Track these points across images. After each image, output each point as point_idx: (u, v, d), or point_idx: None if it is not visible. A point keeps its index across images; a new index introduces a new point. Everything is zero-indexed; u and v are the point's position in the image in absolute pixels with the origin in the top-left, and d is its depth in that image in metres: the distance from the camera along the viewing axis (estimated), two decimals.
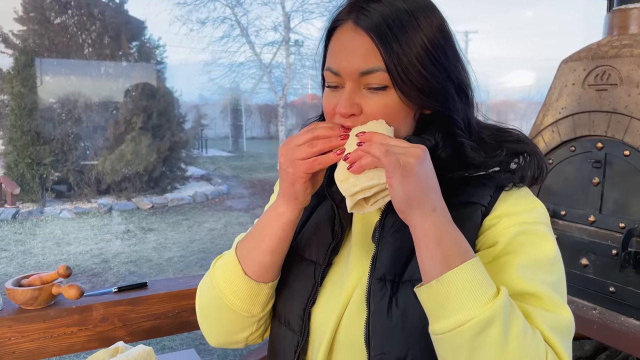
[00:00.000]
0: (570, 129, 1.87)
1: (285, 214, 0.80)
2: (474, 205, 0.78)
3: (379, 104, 0.76)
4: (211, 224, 8.30)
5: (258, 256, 0.83)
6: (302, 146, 0.74)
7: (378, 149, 0.68)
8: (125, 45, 10.68)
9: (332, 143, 0.74)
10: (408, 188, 0.67)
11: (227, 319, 0.87)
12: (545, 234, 0.78)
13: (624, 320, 1.67)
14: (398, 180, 0.67)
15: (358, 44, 0.75)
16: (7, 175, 9.56)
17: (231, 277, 0.85)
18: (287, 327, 0.87)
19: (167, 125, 10.79)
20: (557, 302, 0.73)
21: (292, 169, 0.75)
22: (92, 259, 6.46)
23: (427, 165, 0.70)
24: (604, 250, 1.71)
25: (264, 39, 17.46)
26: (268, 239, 0.82)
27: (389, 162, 0.67)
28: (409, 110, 0.78)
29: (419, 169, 0.68)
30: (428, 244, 0.68)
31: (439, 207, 0.70)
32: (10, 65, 9.66)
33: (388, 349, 0.75)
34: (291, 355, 0.85)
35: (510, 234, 0.76)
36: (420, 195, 0.68)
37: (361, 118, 0.77)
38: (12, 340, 1.45)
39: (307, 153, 0.74)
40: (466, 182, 0.80)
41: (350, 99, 0.77)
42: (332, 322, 0.82)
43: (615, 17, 1.86)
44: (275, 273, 0.85)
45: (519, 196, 0.81)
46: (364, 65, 0.75)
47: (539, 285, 0.73)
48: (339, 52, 0.78)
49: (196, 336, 4.02)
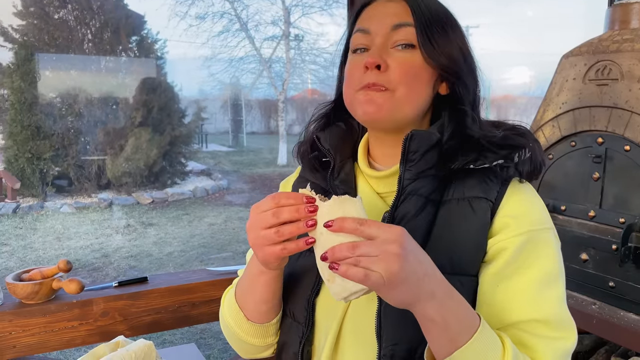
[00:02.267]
0: (571, 124, 1.87)
1: (267, 274, 0.81)
2: (481, 200, 0.79)
3: (405, 60, 0.79)
4: (211, 219, 8.31)
5: (253, 306, 0.87)
6: (269, 232, 0.69)
7: (357, 273, 0.61)
8: (124, 40, 10.66)
9: (300, 230, 0.68)
10: (400, 296, 0.64)
11: (246, 348, 0.94)
12: (550, 241, 0.79)
13: (623, 315, 1.67)
14: (386, 294, 0.64)
15: (392, 6, 0.82)
16: (8, 170, 9.56)
17: (237, 321, 0.90)
18: (292, 318, 0.88)
19: (167, 120, 10.78)
20: (564, 322, 0.77)
21: (260, 255, 0.73)
22: (92, 254, 6.47)
23: (411, 254, 0.63)
24: (604, 245, 1.71)
25: (263, 34, 17.41)
26: (258, 291, 0.84)
27: (371, 283, 0.62)
28: (430, 76, 0.81)
29: (404, 272, 0.62)
30: (434, 329, 0.68)
31: (436, 290, 0.66)
32: (10, 60, 9.65)
33: (400, 340, 0.76)
34: (296, 345, 0.86)
35: (516, 245, 0.76)
36: (414, 295, 0.65)
37: (386, 74, 0.79)
38: (12, 335, 1.46)
39: (273, 240, 0.69)
40: (470, 174, 0.80)
41: (379, 52, 0.80)
42: (338, 313, 0.82)
43: (617, 11, 1.85)
44: (276, 311, 0.88)
45: (523, 195, 0.81)
46: (397, 19, 0.80)
47: (547, 309, 0.75)
48: (371, 15, 0.83)
49: (196, 330, 4.03)
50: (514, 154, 0.80)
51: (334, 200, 0.67)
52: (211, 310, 1.70)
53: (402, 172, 0.81)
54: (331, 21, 16.50)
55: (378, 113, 0.79)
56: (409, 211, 0.78)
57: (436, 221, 0.79)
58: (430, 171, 0.80)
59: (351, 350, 0.81)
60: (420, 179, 0.80)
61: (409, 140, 0.79)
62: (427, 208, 0.79)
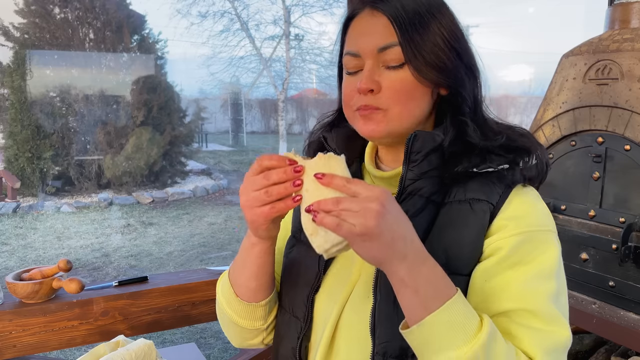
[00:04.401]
0: (571, 123, 1.87)
1: (258, 245, 0.83)
2: (482, 202, 0.78)
3: (397, 79, 0.79)
4: (211, 218, 8.31)
5: (244, 282, 0.87)
6: (259, 194, 0.73)
7: (331, 221, 0.65)
8: (127, 39, 10.66)
9: (287, 190, 0.72)
10: (372, 251, 0.67)
11: (236, 331, 0.94)
12: (550, 242, 0.78)
13: (623, 314, 1.67)
14: (359, 246, 0.67)
15: (376, 24, 0.80)
16: (8, 169, 9.56)
17: (229, 299, 0.91)
18: (291, 314, 0.89)
19: (167, 120, 10.78)
20: (555, 317, 0.74)
21: (251, 217, 0.76)
22: (92, 253, 6.48)
23: (390, 214, 0.66)
24: (604, 245, 1.72)
25: (264, 33, 17.45)
26: (249, 266, 0.85)
27: (345, 234, 0.65)
28: (425, 89, 0.81)
29: (379, 228, 0.65)
30: (405, 292, 0.69)
31: (409, 252, 0.68)
32: (10, 59, 9.64)
33: (392, 338, 0.77)
34: (294, 341, 0.87)
35: (514, 243, 0.76)
36: (386, 253, 0.67)
37: (380, 95, 0.79)
38: (13, 334, 1.46)
39: (264, 201, 0.73)
40: (473, 177, 0.80)
41: (370, 76, 0.80)
42: (335, 310, 0.83)
43: (617, 11, 1.85)
44: (265, 293, 0.89)
45: (526, 198, 0.81)
46: (382, 41, 0.79)
47: (538, 301, 0.74)
48: (357, 36, 0.82)
49: (197, 330, 4.03)
50: (519, 159, 0.81)
51: (320, 157, 0.71)
52: (211, 309, 1.70)
53: (404, 172, 0.81)
54: (331, 20, 16.51)
55: (376, 131, 0.81)
56: (409, 210, 0.78)
57: (436, 222, 0.79)
58: (433, 172, 0.81)
59: (346, 347, 0.82)
60: (423, 179, 0.81)
61: (412, 140, 0.80)
62: (427, 208, 0.80)
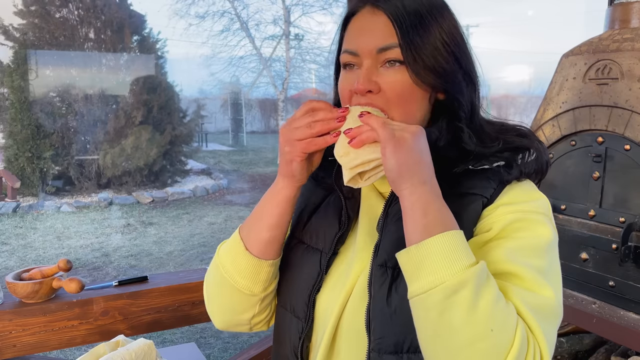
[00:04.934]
0: (571, 123, 1.87)
1: (283, 190, 0.83)
2: (476, 196, 0.79)
3: (395, 80, 0.79)
4: (211, 218, 8.31)
5: (258, 233, 0.86)
6: (301, 127, 0.77)
7: (376, 120, 0.72)
8: (128, 39, 10.66)
9: (330, 125, 0.76)
10: (400, 158, 0.70)
11: (231, 297, 0.89)
12: (543, 222, 0.78)
13: (623, 314, 1.67)
14: (391, 150, 0.70)
15: (376, 24, 0.79)
16: (8, 169, 9.55)
17: (234, 255, 0.88)
18: (292, 313, 0.89)
19: (167, 119, 10.77)
20: (541, 283, 0.73)
21: (289, 149, 0.78)
22: (92, 253, 6.47)
23: (422, 142, 0.73)
24: (604, 245, 1.72)
25: (264, 33, 17.44)
26: (267, 215, 0.85)
27: (385, 133, 0.70)
28: (423, 92, 0.80)
29: (412, 142, 0.71)
30: (414, 214, 0.70)
31: (429, 181, 0.72)
32: (10, 59, 9.64)
33: (387, 334, 0.77)
34: (296, 341, 0.87)
35: (506, 220, 0.77)
36: (411, 167, 0.70)
37: (379, 96, 0.79)
38: (13, 334, 1.46)
39: (305, 134, 0.76)
40: (469, 175, 0.81)
41: (368, 76, 0.79)
42: (336, 309, 0.83)
43: (617, 10, 1.85)
44: (275, 251, 0.87)
45: (521, 188, 0.82)
46: (382, 42, 0.78)
47: (523, 267, 0.73)
48: (357, 33, 0.82)
49: (197, 330, 4.03)
50: (516, 156, 0.81)
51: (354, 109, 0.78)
52: None
53: None
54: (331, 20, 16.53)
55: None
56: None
57: None
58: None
59: (346, 346, 0.83)
60: None
61: None
62: None
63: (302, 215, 0.93)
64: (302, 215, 0.93)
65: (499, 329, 0.65)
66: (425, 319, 0.68)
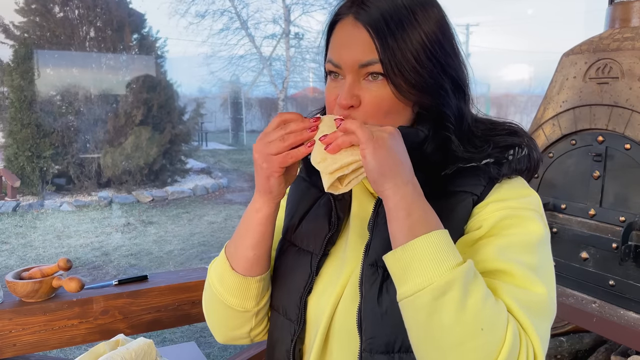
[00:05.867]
0: (571, 122, 1.87)
1: (262, 209, 0.83)
2: (466, 194, 0.79)
3: (377, 94, 0.78)
4: (211, 217, 8.31)
5: (242, 251, 0.86)
6: (275, 141, 0.77)
7: (352, 123, 0.72)
8: (128, 38, 10.65)
9: (303, 136, 0.76)
10: (381, 159, 0.70)
11: (225, 315, 0.90)
12: (533, 219, 0.78)
13: (623, 313, 1.67)
14: (371, 151, 0.69)
15: (357, 38, 0.78)
16: (8, 168, 9.55)
17: (222, 274, 0.88)
18: (285, 316, 0.89)
19: (167, 118, 10.77)
20: (533, 279, 0.72)
21: (266, 164, 0.78)
22: (92, 252, 6.47)
23: (400, 142, 0.73)
24: (604, 244, 1.72)
25: (264, 32, 17.45)
26: (250, 234, 0.85)
27: (363, 134, 0.70)
28: (404, 105, 0.80)
29: (391, 143, 0.71)
30: (398, 215, 0.70)
31: (411, 182, 0.72)
32: (10, 58, 9.63)
33: (378, 334, 0.77)
34: (288, 343, 0.87)
35: (495, 218, 0.77)
36: (392, 167, 0.70)
37: (360, 110, 0.79)
38: (13, 333, 1.46)
39: (279, 148, 0.76)
40: (459, 173, 0.81)
41: (350, 91, 0.79)
42: (327, 311, 0.83)
43: (617, 9, 1.85)
44: (262, 267, 0.87)
45: (511, 185, 0.82)
46: (363, 57, 0.78)
47: (514, 264, 0.73)
48: (339, 45, 0.81)
49: (196, 329, 4.03)
50: (505, 153, 0.81)
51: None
52: None
53: None
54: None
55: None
56: None
57: None
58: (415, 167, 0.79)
59: (338, 348, 0.83)
60: None
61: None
62: None
63: (294, 219, 0.93)
64: (293, 219, 0.93)
65: (489, 327, 0.65)
66: (415, 320, 0.68)
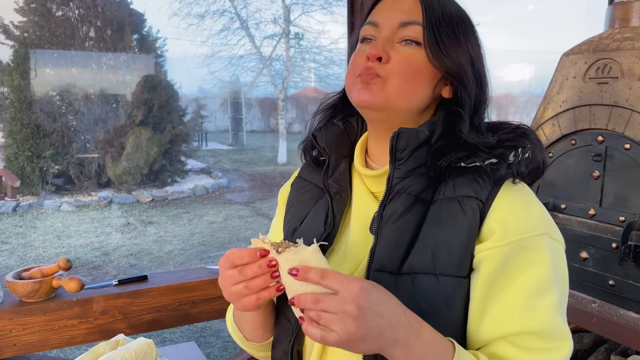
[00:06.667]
0: (571, 122, 1.87)
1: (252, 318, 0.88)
2: (471, 199, 0.76)
3: (408, 55, 0.79)
4: (211, 217, 8.31)
5: (249, 330, 0.92)
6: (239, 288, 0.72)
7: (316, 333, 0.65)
8: (128, 38, 10.65)
9: (266, 281, 0.71)
10: (362, 348, 0.66)
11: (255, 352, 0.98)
12: (543, 247, 0.75)
13: (623, 313, 1.67)
14: (349, 347, 0.65)
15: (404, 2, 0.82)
16: (7, 168, 9.55)
17: (239, 339, 0.96)
18: (284, 316, 0.88)
19: (167, 118, 10.77)
20: (559, 332, 0.74)
21: (239, 306, 0.75)
22: (92, 252, 6.47)
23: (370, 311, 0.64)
24: (604, 244, 1.72)
25: (263, 32, 17.44)
26: (249, 321, 0.90)
27: (330, 342, 0.64)
28: (431, 75, 0.80)
29: (362, 331, 0.64)
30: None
31: (400, 335, 0.66)
32: (10, 58, 9.63)
33: None
34: (286, 344, 0.86)
35: (505, 252, 0.74)
36: (376, 346, 0.66)
37: (386, 66, 0.79)
38: (13, 333, 1.46)
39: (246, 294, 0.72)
40: (462, 177, 0.78)
41: (383, 45, 0.80)
42: None
43: (617, 9, 1.85)
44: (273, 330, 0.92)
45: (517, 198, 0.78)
46: (406, 16, 0.80)
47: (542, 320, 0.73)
48: (382, 9, 0.83)
49: (196, 329, 4.03)
50: (509, 153, 0.78)
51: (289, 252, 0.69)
52: (211, 308, 1.70)
53: (391, 170, 0.80)
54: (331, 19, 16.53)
55: (371, 100, 0.79)
56: (397, 209, 0.78)
57: (425, 220, 0.78)
58: (420, 169, 0.79)
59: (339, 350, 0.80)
60: (410, 177, 0.79)
61: (396, 138, 0.78)
62: (416, 206, 0.78)
63: (294, 221, 0.93)
64: (293, 220, 0.93)
65: None
66: None
